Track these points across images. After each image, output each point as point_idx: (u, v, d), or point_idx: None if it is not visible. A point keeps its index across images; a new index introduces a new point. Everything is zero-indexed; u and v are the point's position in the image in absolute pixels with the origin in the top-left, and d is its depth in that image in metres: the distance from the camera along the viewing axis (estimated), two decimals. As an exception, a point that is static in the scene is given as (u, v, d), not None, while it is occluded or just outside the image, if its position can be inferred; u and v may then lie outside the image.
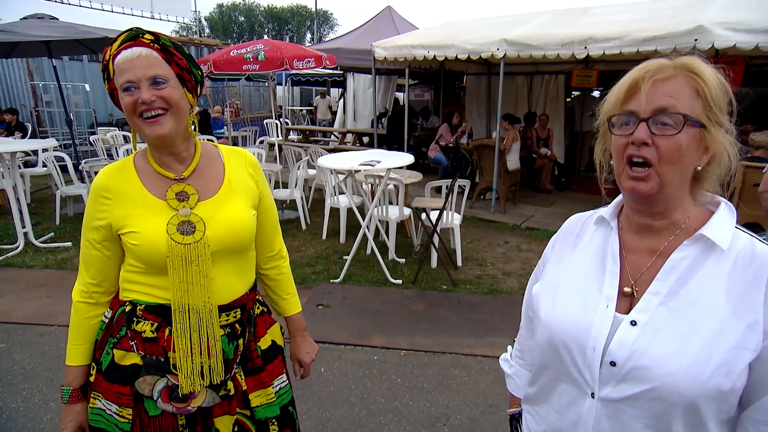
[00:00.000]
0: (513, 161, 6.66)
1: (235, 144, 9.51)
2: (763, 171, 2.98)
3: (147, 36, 1.10)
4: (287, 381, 1.38)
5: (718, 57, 5.83)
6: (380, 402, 2.70)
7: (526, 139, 7.31)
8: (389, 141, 8.43)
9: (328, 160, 4.52)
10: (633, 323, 0.80)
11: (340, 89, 12.26)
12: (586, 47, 5.50)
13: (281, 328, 1.44)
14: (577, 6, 7.28)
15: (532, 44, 5.83)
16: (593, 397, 0.84)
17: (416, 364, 3.06)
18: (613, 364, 0.80)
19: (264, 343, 1.33)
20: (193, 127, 1.21)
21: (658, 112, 0.76)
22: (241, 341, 1.23)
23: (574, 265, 0.93)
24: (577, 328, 0.85)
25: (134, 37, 1.09)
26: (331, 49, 8.32)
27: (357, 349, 3.23)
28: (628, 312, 0.82)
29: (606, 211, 0.93)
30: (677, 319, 0.77)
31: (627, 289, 0.84)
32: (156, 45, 1.10)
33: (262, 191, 1.32)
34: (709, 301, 0.76)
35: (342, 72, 10.86)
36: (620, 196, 0.91)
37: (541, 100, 9.56)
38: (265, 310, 1.39)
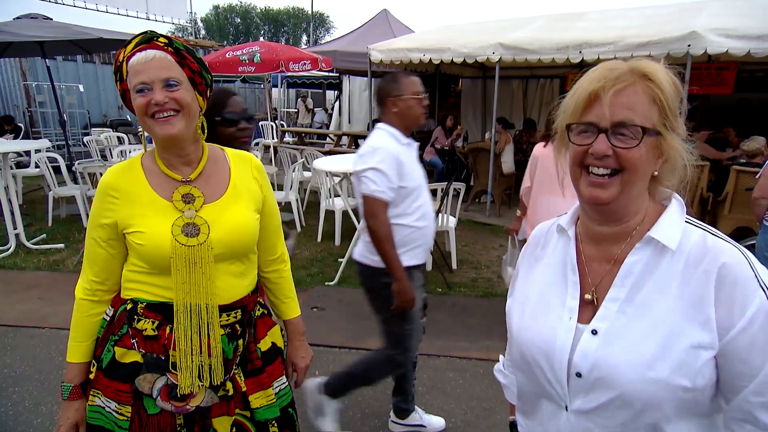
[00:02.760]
0: (508, 164, 6.68)
1: (230, 146, 9.47)
2: (757, 176, 3.02)
3: (161, 39, 1.13)
4: (287, 383, 1.39)
5: (710, 62, 5.91)
6: (375, 405, 2.69)
7: (522, 143, 7.35)
8: (385, 144, 8.43)
9: (324, 163, 4.52)
10: (594, 332, 0.80)
11: (336, 92, 12.26)
12: (581, 52, 5.55)
13: (281, 330, 1.44)
14: (572, 11, 7.34)
15: (527, 48, 5.87)
16: (567, 410, 0.83)
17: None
18: (579, 375, 0.80)
19: (264, 345, 1.33)
20: (201, 129, 1.22)
21: (618, 125, 0.76)
22: (240, 342, 1.24)
23: (540, 278, 0.92)
24: (544, 343, 0.85)
25: (148, 40, 1.11)
26: (327, 51, 8.33)
27: (352, 352, 3.22)
28: (589, 321, 0.82)
29: (564, 219, 0.93)
30: (634, 324, 0.78)
31: (588, 296, 0.84)
32: (170, 48, 1.12)
33: (266, 195, 1.33)
34: (663, 304, 0.76)
35: (338, 74, 10.87)
36: (577, 204, 0.90)
37: (537, 104, 9.62)
38: (266, 312, 1.40)
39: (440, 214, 4.40)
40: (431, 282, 4.30)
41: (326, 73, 10.37)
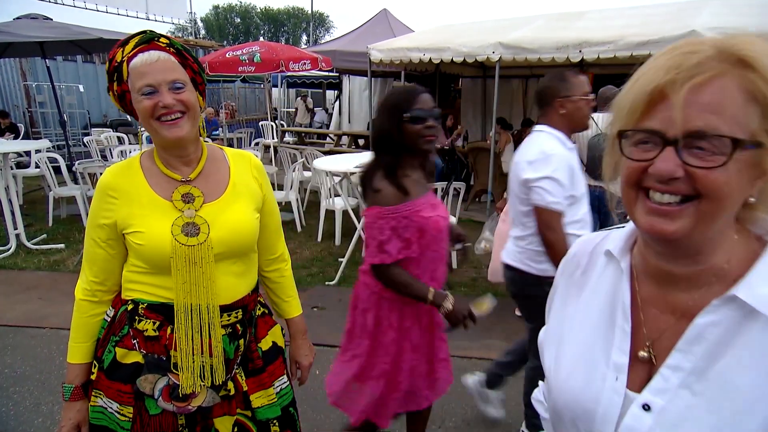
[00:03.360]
0: (508, 164, 6.68)
1: (230, 146, 9.50)
2: None
3: (162, 40, 1.12)
4: (288, 382, 1.39)
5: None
6: (376, 404, 2.69)
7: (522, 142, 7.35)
8: (385, 143, 8.44)
9: (324, 163, 4.53)
10: (646, 407, 0.60)
11: (336, 91, 12.27)
12: (580, 51, 5.55)
13: (282, 329, 1.45)
14: (572, 10, 7.34)
15: (527, 47, 5.87)
16: None
17: (412, 367, 3.05)
18: None
19: (265, 344, 1.34)
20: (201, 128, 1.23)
21: (693, 135, 0.54)
22: (242, 341, 1.24)
23: (580, 314, 0.72)
24: (582, 407, 0.66)
25: (149, 40, 1.11)
26: (326, 51, 8.33)
27: (352, 351, 3.22)
28: (643, 387, 0.62)
29: (614, 242, 0.70)
30: (707, 409, 0.56)
31: (643, 354, 0.63)
32: (172, 49, 1.12)
33: (266, 194, 1.33)
34: (751, 388, 0.55)
35: (338, 74, 10.87)
36: (632, 224, 0.66)
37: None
38: (266, 311, 1.41)
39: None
40: (431, 281, 4.30)
41: (326, 73, 10.38)
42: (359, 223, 4.28)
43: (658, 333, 0.63)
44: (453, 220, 4.67)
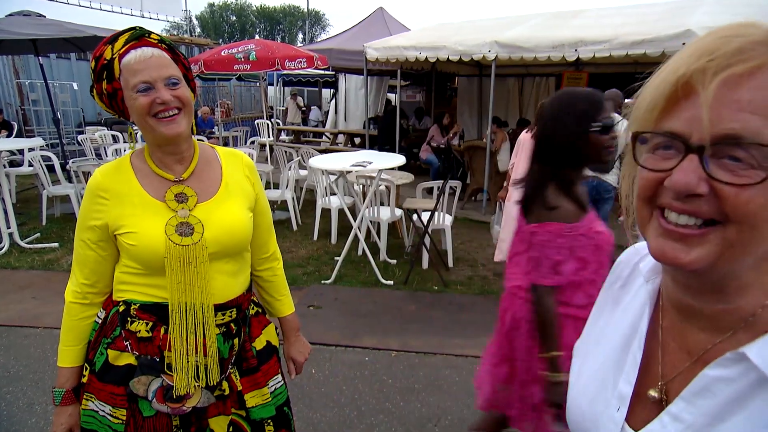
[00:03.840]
0: (504, 162, 6.68)
1: (225, 144, 9.46)
2: None
3: (153, 36, 1.12)
4: (282, 381, 1.39)
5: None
6: (371, 403, 2.69)
7: (517, 141, 7.36)
8: (381, 142, 8.43)
9: (320, 161, 4.51)
10: None
11: (332, 90, 12.23)
12: (576, 50, 5.56)
13: (276, 328, 1.44)
14: (568, 9, 7.35)
15: (523, 46, 5.88)
16: None
17: (407, 365, 3.05)
18: None
19: (259, 344, 1.33)
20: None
21: (725, 141, 0.43)
22: (236, 341, 1.24)
23: (609, 331, 0.66)
24: (582, 427, 0.63)
25: (139, 36, 1.10)
26: (322, 49, 8.31)
27: (348, 350, 3.22)
28: (644, 426, 0.56)
29: (648, 260, 0.62)
30: None
31: (653, 394, 0.56)
32: (163, 45, 1.12)
33: (258, 193, 1.33)
34: None
35: (334, 72, 10.85)
36: None
37: (532, 102, 9.62)
38: (260, 310, 1.40)
39: (437, 213, 4.40)
40: (428, 280, 4.31)
41: (322, 71, 10.36)
42: (355, 221, 4.27)
43: (674, 372, 0.55)
44: (449, 218, 4.67)
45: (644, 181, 0.49)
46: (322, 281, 4.23)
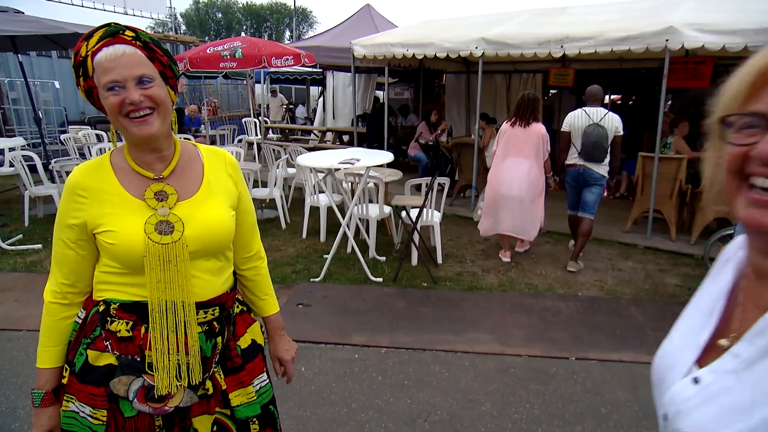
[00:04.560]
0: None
1: (213, 143, 9.37)
2: None
3: (128, 33, 1.08)
4: (268, 380, 1.38)
5: (688, 57, 6.01)
6: (361, 400, 2.69)
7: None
8: (369, 139, 8.42)
9: (308, 159, 4.49)
10: (696, 381, 0.64)
11: (320, 87, 12.16)
12: (562, 46, 5.59)
13: (261, 327, 1.43)
14: (554, 6, 7.39)
15: (509, 43, 5.90)
16: None
17: (397, 362, 3.06)
18: (666, 418, 0.69)
19: (244, 342, 1.32)
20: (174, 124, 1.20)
21: None
22: (219, 339, 1.22)
23: (701, 297, 0.76)
24: (660, 369, 0.74)
25: (113, 33, 1.07)
26: (310, 47, 8.26)
27: (338, 347, 3.21)
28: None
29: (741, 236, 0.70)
30: (740, 392, 0.58)
31: (723, 342, 0.64)
32: (138, 42, 1.09)
33: (241, 192, 1.31)
34: None
35: (321, 70, 10.79)
36: None
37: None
38: (245, 309, 1.39)
39: (425, 209, 4.40)
40: (417, 277, 4.31)
41: (310, 69, 10.30)
42: (344, 219, 4.26)
43: (743, 326, 0.62)
44: (438, 215, 4.68)
45: (732, 156, 0.57)
46: (312, 279, 4.22)
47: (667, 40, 4.89)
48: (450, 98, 10.18)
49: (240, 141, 9.61)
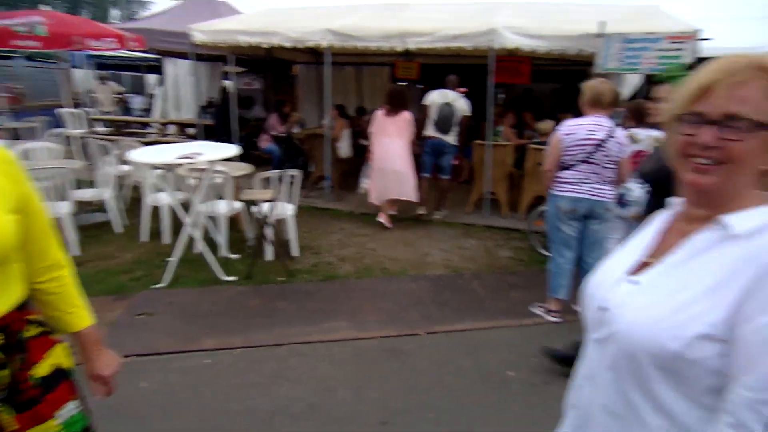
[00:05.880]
0: (344, 149, 6.84)
1: (17, 137, 7.85)
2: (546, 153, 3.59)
3: None
4: (80, 408, 1.20)
5: (512, 56, 6.82)
6: (212, 406, 2.53)
7: (357, 126, 7.58)
8: (218, 132, 7.89)
9: (141, 154, 4.05)
10: (635, 282, 0.87)
11: (159, 75, 10.97)
12: (404, 40, 5.89)
13: (70, 347, 1.24)
14: (396, 1, 7.73)
15: (355, 35, 6.02)
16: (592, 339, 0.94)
17: (252, 361, 2.95)
18: (603, 309, 0.89)
19: (42, 370, 1.14)
20: None
21: (728, 117, 0.77)
22: (6, 372, 1.02)
23: (634, 239, 1.00)
24: (597, 280, 0.96)
25: None
26: (141, 29, 7.39)
27: (185, 356, 2.97)
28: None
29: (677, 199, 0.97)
30: (666, 284, 0.82)
31: (649, 260, 0.89)
32: None
33: (24, 192, 1.11)
34: (699, 277, 0.78)
35: (158, 56, 9.77)
36: None
37: (370, 90, 10.00)
38: (44, 330, 1.19)
39: (277, 202, 4.29)
40: (272, 272, 4.20)
41: (145, 54, 9.24)
42: (187, 218, 3.94)
43: (668, 249, 0.87)
44: (291, 207, 4.61)
45: (682, 141, 0.82)
46: (154, 286, 3.83)
47: (491, 40, 5.48)
48: (302, 89, 10.08)
49: (54, 135, 8.20)
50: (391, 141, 5.51)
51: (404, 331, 3.36)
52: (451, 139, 5.67)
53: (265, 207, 4.34)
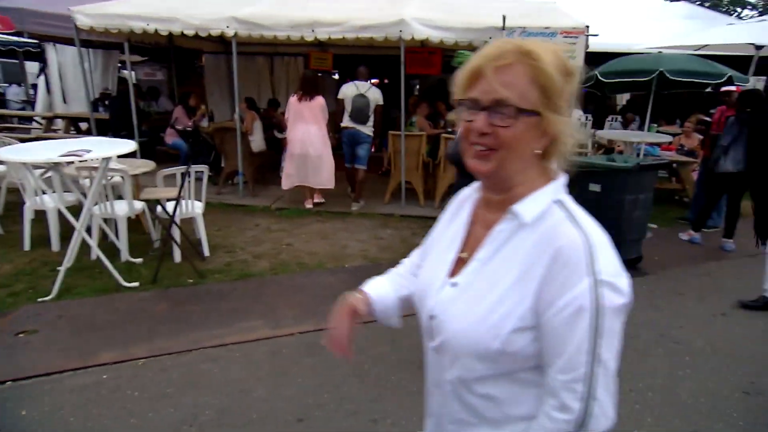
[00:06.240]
0: (257, 142, 6.58)
1: None
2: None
3: None
4: None
5: (424, 46, 6.93)
6: (109, 426, 2.31)
7: (270, 118, 7.32)
8: (115, 127, 7.23)
9: (15, 152, 3.59)
10: (454, 284, 0.88)
11: (40, 63, 9.75)
12: (313, 30, 5.75)
13: None
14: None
15: (262, 24, 5.78)
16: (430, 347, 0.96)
17: (157, 370, 2.74)
18: (432, 318, 0.90)
19: None
20: None
21: (496, 103, 0.78)
22: None
23: (445, 232, 0.99)
24: (421, 288, 0.97)
25: None
26: (8, 8, 6.51)
27: (78, 373, 2.68)
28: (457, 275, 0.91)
29: (476, 183, 0.97)
30: (480, 283, 0.85)
31: (463, 255, 0.91)
32: None
33: None
34: (506, 271, 0.82)
35: (37, 41, 8.69)
36: None
37: (284, 81, 9.70)
38: None
39: (183, 200, 4.02)
40: (181, 274, 3.94)
41: (21, 39, 8.17)
42: (78, 222, 3.56)
43: (478, 242, 0.89)
44: (199, 205, 4.34)
45: (463, 127, 0.84)
46: (40, 299, 3.42)
47: (401, 31, 5.52)
48: (210, 80, 9.55)
49: None
50: (307, 127, 5.60)
51: (322, 325, 3.28)
52: (367, 129, 5.80)
53: (170, 206, 4.04)
